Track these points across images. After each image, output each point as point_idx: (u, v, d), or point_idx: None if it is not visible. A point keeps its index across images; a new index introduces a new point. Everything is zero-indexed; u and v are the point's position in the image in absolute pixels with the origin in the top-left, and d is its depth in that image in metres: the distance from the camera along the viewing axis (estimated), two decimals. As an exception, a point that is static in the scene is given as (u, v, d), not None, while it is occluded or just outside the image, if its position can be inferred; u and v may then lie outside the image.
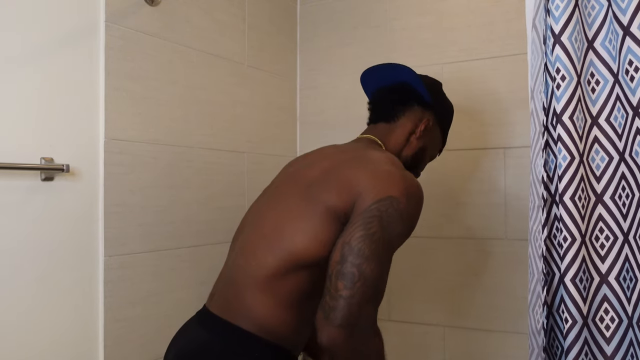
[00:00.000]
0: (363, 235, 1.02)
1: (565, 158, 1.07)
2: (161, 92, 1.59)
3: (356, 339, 1.01)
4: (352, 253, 1.01)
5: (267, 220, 1.17)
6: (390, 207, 1.05)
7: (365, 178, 1.10)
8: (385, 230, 1.04)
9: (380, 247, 1.02)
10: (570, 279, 1.06)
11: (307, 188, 1.16)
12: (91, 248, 1.41)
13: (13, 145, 1.25)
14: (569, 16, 1.08)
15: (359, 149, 1.27)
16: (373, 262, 1.01)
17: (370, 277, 1.00)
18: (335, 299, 1.00)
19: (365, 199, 1.06)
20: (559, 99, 1.08)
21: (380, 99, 1.40)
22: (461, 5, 1.87)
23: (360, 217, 1.04)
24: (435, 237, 1.90)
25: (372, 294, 1.01)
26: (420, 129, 1.34)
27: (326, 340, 1.00)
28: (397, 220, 1.06)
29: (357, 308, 0.99)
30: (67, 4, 1.36)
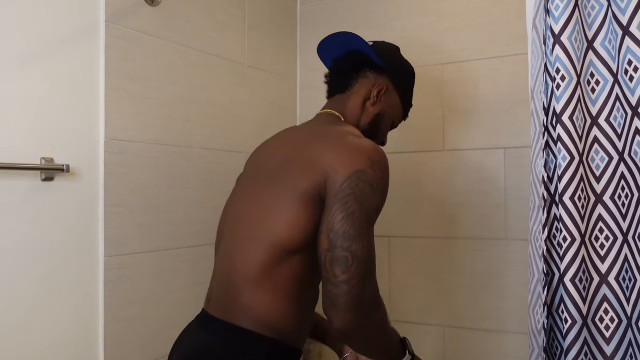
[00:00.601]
0: (344, 217, 1.03)
1: (565, 158, 1.07)
2: (161, 92, 1.59)
3: (366, 315, 1.04)
4: (339, 237, 1.02)
5: (244, 221, 1.17)
6: (359, 181, 1.06)
7: (328, 156, 1.10)
8: (363, 205, 1.05)
9: (362, 224, 1.04)
10: (570, 279, 1.06)
11: (274, 177, 1.16)
12: (91, 248, 1.41)
13: (13, 145, 1.25)
14: (568, 16, 1.08)
15: (316, 126, 1.27)
16: (360, 240, 1.03)
17: (362, 255, 1.03)
18: (336, 285, 1.01)
19: (335, 178, 1.07)
20: (558, 99, 1.08)
21: (334, 70, 1.39)
22: (461, 5, 1.87)
23: (335, 199, 1.05)
24: (435, 237, 1.90)
25: (367, 270, 1.04)
26: (373, 95, 1.32)
27: (340, 326, 1.03)
28: (370, 192, 1.07)
29: (359, 288, 1.02)
30: (67, 4, 1.36)
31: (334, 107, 1.33)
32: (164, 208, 1.59)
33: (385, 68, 1.34)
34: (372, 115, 1.33)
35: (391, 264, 1.97)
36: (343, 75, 1.35)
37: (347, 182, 1.06)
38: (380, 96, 1.33)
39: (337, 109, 1.32)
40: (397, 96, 1.37)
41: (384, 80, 1.34)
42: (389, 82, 1.34)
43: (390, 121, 1.39)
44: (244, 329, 1.10)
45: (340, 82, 1.36)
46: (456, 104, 1.88)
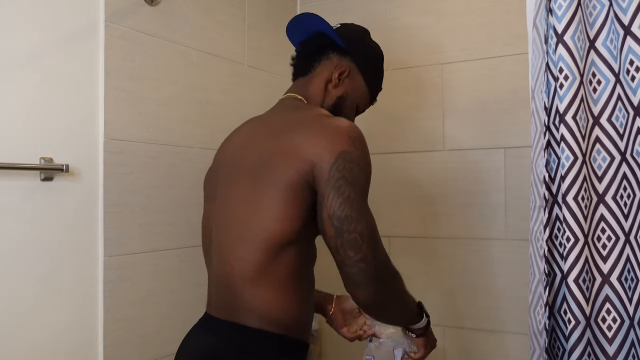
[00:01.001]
0: (342, 202, 1.05)
1: (569, 158, 1.07)
2: (161, 92, 1.58)
3: (386, 286, 1.10)
4: (344, 222, 1.05)
5: (233, 224, 1.16)
6: (346, 163, 1.07)
7: (309, 143, 1.10)
8: (355, 185, 1.07)
9: (359, 203, 1.07)
10: (573, 280, 1.06)
11: (254, 174, 1.15)
12: (91, 248, 1.40)
13: (13, 145, 1.24)
14: (571, 16, 1.08)
15: (284, 114, 1.26)
16: (362, 219, 1.07)
17: (367, 232, 1.07)
18: (353, 266, 1.05)
19: (322, 165, 1.07)
20: (562, 99, 1.08)
21: (299, 53, 1.37)
22: (461, 5, 1.87)
23: (328, 186, 1.06)
24: (435, 237, 1.90)
25: (375, 244, 1.09)
26: (335, 77, 1.29)
27: (366, 301, 1.09)
28: (358, 171, 1.08)
29: (374, 263, 1.06)
30: (67, 4, 1.36)
31: (297, 90, 1.32)
32: (164, 208, 1.58)
33: (349, 51, 1.31)
34: (335, 97, 1.31)
35: (391, 264, 1.97)
36: (306, 57, 1.34)
37: (335, 166, 1.07)
38: (343, 79, 1.31)
39: (300, 92, 1.30)
40: (362, 79, 1.34)
41: (347, 62, 1.31)
42: (352, 65, 1.32)
43: (354, 105, 1.36)
44: (250, 327, 1.10)
45: (303, 65, 1.34)
46: (456, 104, 1.88)
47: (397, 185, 1.97)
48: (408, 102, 1.95)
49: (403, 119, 1.96)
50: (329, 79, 1.30)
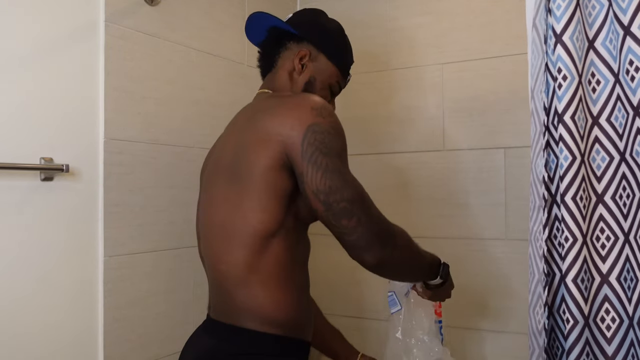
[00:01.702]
0: (322, 174, 1.06)
1: (567, 158, 1.07)
2: (161, 92, 1.58)
3: (390, 241, 1.11)
4: (329, 194, 1.05)
5: (217, 226, 1.17)
6: (316, 134, 1.07)
7: (275, 125, 1.10)
8: (330, 154, 1.07)
9: (339, 170, 1.08)
10: (571, 280, 1.06)
11: (231, 170, 1.15)
12: (91, 248, 1.40)
13: (13, 145, 1.25)
14: (570, 16, 1.08)
15: (252, 106, 1.27)
16: (346, 185, 1.07)
17: (355, 196, 1.07)
18: (351, 232, 1.06)
19: (293, 144, 1.07)
20: (560, 99, 1.08)
21: (261, 53, 1.37)
22: (461, 5, 1.87)
23: (304, 162, 1.06)
24: (435, 237, 1.90)
25: (366, 206, 1.09)
26: (296, 64, 1.29)
27: (374, 262, 1.09)
28: (330, 139, 1.08)
29: (370, 223, 1.07)
30: (67, 4, 1.36)
31: (266, 86, 1.32)
32: (164, 208, 1.58)
33: (304, 35, 1.30)
34: (302, 84, 1.29)
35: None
36: (268, 54, 1.34)
37: (306, 141, 1.06)
38: (306, 62, 1.29)
39: (269, 87, 1.31)
40: (326, 59, 1.32)
41: (305, 47, 1.30)
42: (311, 47, 1.30)
43: (326, 85, 1.33)
44: (246, 329, 1.11)
45: (267, 61, 1.34)
46: (456, 104, 1.88)
47: (397, 185, 1.97)
48: (408, 102, 1.95)
49: (403, 119, 1.96)
50: (292, 68, 1.29)
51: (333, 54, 1.33)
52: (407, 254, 1.19)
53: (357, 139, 2.04)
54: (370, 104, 2.02)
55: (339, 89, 1.37)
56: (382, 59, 2.00)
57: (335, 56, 1.33)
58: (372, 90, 2.02)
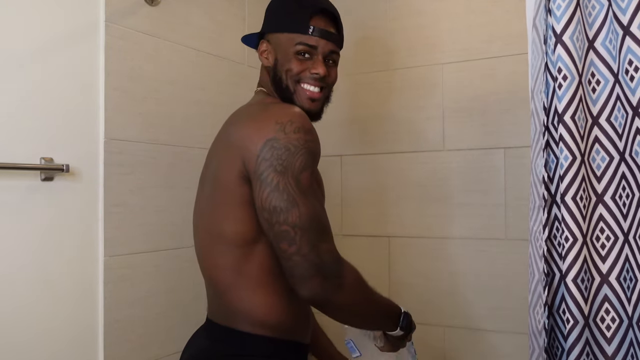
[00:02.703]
0: (269, 192, 1.00)
1: (567, 158, 1.07)
2: (161, 92, 1.58)
3: (331, 280, 1.02)
4: (272, 213, 1.00)
5: (202, 231, 1.17)
6: (273, 150, 1.01)
7: (237, 137, 1.08)
8: (286, 173, 1.01)
9: (291, 192, 1.00)
10: (571, 280, 1.06)
11: (212, 176, 1.15)
12: (91, 248, 1.40)
13: (13, 145, 1.25)
14: (570, 16, 1.08)
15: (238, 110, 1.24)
16: (293, 209, 1.00)
17: (302, 222, 1.00)
18: (288, 259, 1.00)
19: (250, 157, 1.03)
20: (560, 99, 1.08)
21: None
22: (461, 5, 1.87)
23: (256, 177, 1.02)
24: (435, 237, 1.90)
25: (315, 234, 1.01)
26: (261, 57, 1.26)
27: (307, 294, 1.01)
28: (289, 157, 1.01)
29: (312, 255, 1.00)
30: (67, 4, 1.36)
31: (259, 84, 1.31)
32: (164, 208, 1.58)
33: (262, 30, 1.28)
34: (270, 71, 1.24)
35: (391, 264, 1.97)
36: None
37: (262, 156, 1.02)
38: (267, 52, 1.25)
39: (260, 84, 1.30)
40: (278, 34, 1.24)
41: (264, 38, 1.27)
42: (268, 36, 1.26)
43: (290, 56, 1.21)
44: (239, 330, 1.11)
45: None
46: (456, 104, 1.88)
47: (397, 185, 1.97)
48: (408, 102, 1.95)
49: (403, 119, 1.96)
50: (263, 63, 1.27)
51: (280, 24, 1.24)
52: (355, 297, 1.08)
53: (357, 139, 2.04)
54: (370, 104, 2.02)
55: (311, 48, 1.21)
56: (382, 59, 2.00)
57: (283, 24, 1.23)
58: (372, 90, 2.02)
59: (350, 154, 2.05)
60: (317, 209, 1.03)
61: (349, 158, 2.05)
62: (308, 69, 1.21)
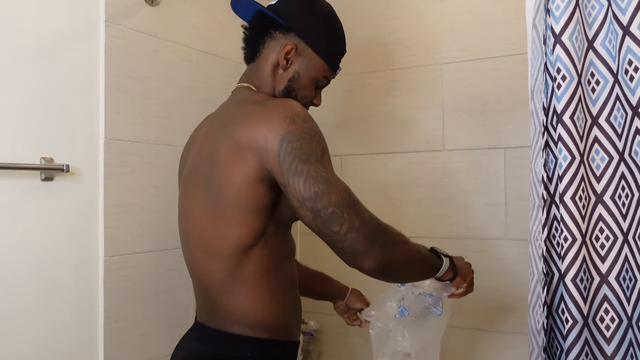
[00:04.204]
0: (304, 182, 1.00)
1: (566, 158, 1.07)
2: (161, 92, 1.59)
3: (385, 241, 1.05)
4: (315, 200, 1.00)
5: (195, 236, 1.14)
6: (292, 143, 1.01)
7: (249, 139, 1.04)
8: (310, 160, 1.01)
9: (321, 175, 1.01)
10: (571, 279, 1.06)
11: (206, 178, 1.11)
12: (91, 248, 1.41)
13: (13, 145, 1.25)
14: (569, 16, 1.08)
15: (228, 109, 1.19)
16: (331, 189, 1.01)
17: (342, 200, 1.01)
18: (343, 240, 1.01)
19: (270, 157, 1.02)
20: (559, 99, 1.08)
21: (243, 37, 1.27)
22: (461, 5, 1.87)
23: (284, 174, 1.01)
24: (435, 237, 1.90)
25: (357, 207, 1.03)
26: (282, 59, 1.19)
27: (374, 266, 1.03)
28: (307, 145, 1.02)
29: (363, 225, 1.01)
30: (67, 4, 1.36)
31: (247, 79, 1.24)
32: (164, 208, 1.59)
33: (290, 25, 1.20)
34: (285, 81, 1.21)
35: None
36: (251, 41, 1.24)
37: (283, 152, 1.01)
38: (291, 58, 1.20)
39: (250, 81, 1.23)
40: (313, 52, 1.21)
41: (292, 39, 1.20)
42: (298, 40, 1.20)
43: (310, 81, 1.23)
44: (231, 333, 1.10)
45: (251, 48, 1.25)
46: (456, 104, 1.88)
47: (397, 185, 1.97)
48: (408, 102, 1.95)
49: (403, 119, 1.96)
50: (276, 62, 1.20)
51: (322, 48, 1.22)
52: (406, 250, 1.11)
53: (357, 139, 2.04)
54: (370, 104, 2.02)
55: (327, 83, 1.28)
56: (382, 59, 2.00)
57: (324, 50, 1.22)
58: (372, 90, 2.02)
59: (350, 154, 2.05)
60: (346, 185, 1.05)
61: (349, 158, 2.05)
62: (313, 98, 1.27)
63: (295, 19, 1.20)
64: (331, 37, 1.25)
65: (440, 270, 1.20)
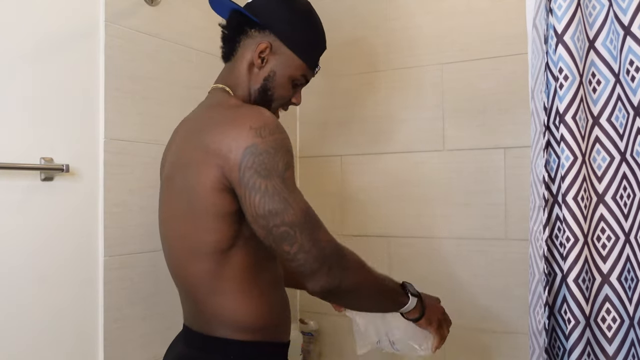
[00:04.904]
0: (260, 198, 0.99)
1: (568, 158, 1.07)
2: (161, 92, 1.58)
3: (337, 266, 1.02)
4: (268, 218, 0.99)
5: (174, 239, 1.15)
6: (254, 156, 1.00)
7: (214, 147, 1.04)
8: (270, 175, 1.00)
9: (279, 192, 0.99)
10: (573, 280, 1.06)
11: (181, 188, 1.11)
12: (91, 248, 1.40)
13: (13, 145, 1.25)
14: (571, 16, 1.08)
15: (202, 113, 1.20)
16: (287, 208, 0.99)
17: (298, 219, 1.00)
18: (293, 260, 1.00)
19: (232, 167, 1.01)
20: (562, 99, 1.08)
21: (222, 37, 1.25)
22: (461, 5, 1.87)
23: (242, 186, 1.00)
24: (435, 237, 1.90)
25: (312, 228, 1.01)
26: (255, 58, 1.17)
27: (320, 289, 1.02)
28: (270, 159, 1.01)
29: (315, 248, 1.00)
30: (67, 4, 1.36)
31: (222, 80, 1.23)
32: (164, 208, 1.58)
33: (266, 23, 1.18)
34: (261, 80, 1.19)
35: (391, 264, 1.97)
36: (228, 40, 1.23)
37: (244, 164, 1.00)
38: (266, 56, 1.18)
39: (225, 82, 1.22)
40: (290, 51, 1.19)
41: (267, 37, 1.18)
42: (274, 39, 1.18)
43: (286, 80, 1.21)
44: (218, 337, 1.09)
45: (226, 49, 1.23)
46: (456, 104, 1.88)
47: (397, 185, 1.97)
48: (408, 102, 1.95)
49: (403, 119, 1.96)
50: (252, 61, 1.19)
51: (298, 46, 1.20)
52: (360, 278, 1.07)
53: (357, 139, 2.04)
54: (370, 104, 2.02)
55: (305, 82, 1.25)
56: (382, 59, 2.00)
57: (301, 49, 1.20)
58: (372, 90, 2.02)
59: (350, 154, 2.05)
60: (306, 204, 1.03)
61: (349, 158, 2.05)
62: (292, 97, 1.26)
63: (271, 16, 1.19)
64: (308, 35, 1.23)
65: (405, 307, 1.18)
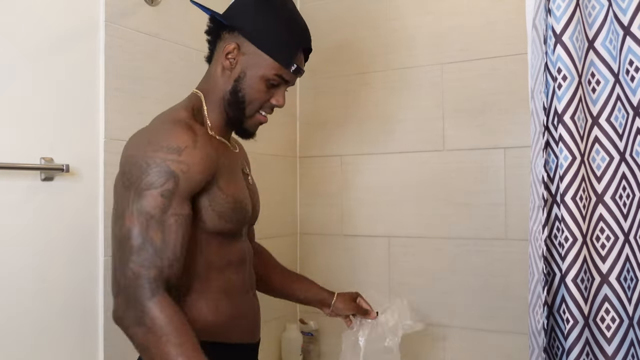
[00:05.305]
0: (114, 202, 1.06)
1: (567, 158, 1.07)
2: (161, 91, 1.58)
3: (133, 308, 0.98)
4: (113, 223, 1.05)
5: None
6: (127, 165, 1.05)
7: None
8: (129, 188, 1.01)
9: (125, 204, 1.01)
10: (571, 280, 1.06)
11: None
12: (91, 248, 1.40)
13: (13, 145, 1.25)
14: (570, 16, 1.08)
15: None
16: (119, 220, 1.02)
17: (121, 235, 1.01)
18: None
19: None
20: (560, 99, 1.08)
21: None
22: (461, 5, 1.87)
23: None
24: (435, 237, 1.90)
25: (130, 251, 0.99)
26: (223, 59, 1.16)
27: (112, 315, 1.02)
28: (139, 172, 1.02)
29: (118, 272, 1.01)
30: (67, 4, 1.36)
31: (200, 84, 1.24)
32: (164, 208, 1.58)
33: (233, 25, 1.16)
34: (232, 81, 1.17)
35: (391, 264, 1.97)
36: (209, 44, 1.23)
37: (120, 169, 1.07)
38: (235, 57, 1.16)
39: (201, 86, 1.23)
40: (258, 50, 1.15)
41: (235, 38, 1.16)
42: (242, 40, 1.15)
43: (261, 81, 1.16)
44: None
45: (208, 54, 1.24)
46: (456, 104, 1.88)
47: (397, 185, 1.97)
48: (408, 102, 1.95)
49: (403, 119, 1.96)
50: (223, 64, 1.18)
51: (268, 45, 1.15)
52: (153, 345, 0.96)
53: (357, 139, 2.04)
54: (370, 104, 2.02)
55: (284, 81, 1.19)
56: (382, 59, 2.00)
57: (270, 47, 1.15)
58: (372, 90, 2.02)
59: (350, 154, 2.05)
60: (143, 228, 0.99)
61: (349, 158, 2.05)
62: (270, 98, 1.20)
63: (238, 17, 1.17)
64: (280, 33, 1.17)
65: None
